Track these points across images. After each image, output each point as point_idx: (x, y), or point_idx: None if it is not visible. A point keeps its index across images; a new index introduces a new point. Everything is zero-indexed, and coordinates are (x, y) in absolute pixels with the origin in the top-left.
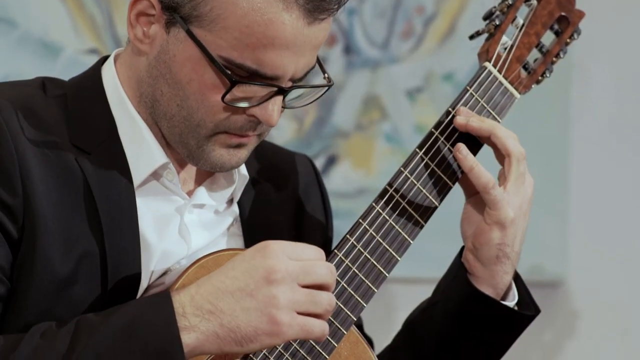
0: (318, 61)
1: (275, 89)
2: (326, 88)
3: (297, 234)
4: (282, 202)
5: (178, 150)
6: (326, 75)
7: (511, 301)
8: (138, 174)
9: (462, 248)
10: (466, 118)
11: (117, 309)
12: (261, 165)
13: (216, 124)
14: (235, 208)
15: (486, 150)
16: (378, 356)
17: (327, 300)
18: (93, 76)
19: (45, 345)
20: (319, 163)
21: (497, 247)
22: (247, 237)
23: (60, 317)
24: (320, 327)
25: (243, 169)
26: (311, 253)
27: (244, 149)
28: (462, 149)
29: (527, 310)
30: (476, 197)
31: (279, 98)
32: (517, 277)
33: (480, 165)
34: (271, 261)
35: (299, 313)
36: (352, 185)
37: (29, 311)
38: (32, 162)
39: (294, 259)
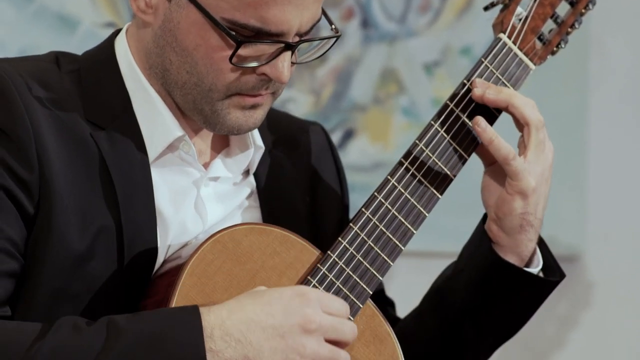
0: (324, 12)
1: (282, 45)
2: (335, 39)
3: (312, 205)
4: (297, 173)
5: (194, 118)
6: (333, 26)
7: (536, 267)
8: (154, 147)
9: (485, 215)
10: (483, 89)
11: (146, 316)
12: (276, 136)
13: (227, 86)
14: (251, 179)
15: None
16: (404, 320)
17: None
18: (106, 50)
19: (73, 341)
20: (336, 137)
21: (520, 216)
22: (263, 208)
23: (76, 293)
24: None
25: (259, 139)
26: (341, 307)
27: (259, 110)
28: (480, 121)
29: (552, 276)
30: (495, 166)
31: (287, 54)
32: (541, 242)
33: (499, 137)
34: (309, 310)
35: None
36: (369, 159)
37: (45, 287)
38: (48, 137)
39: (326, 312)
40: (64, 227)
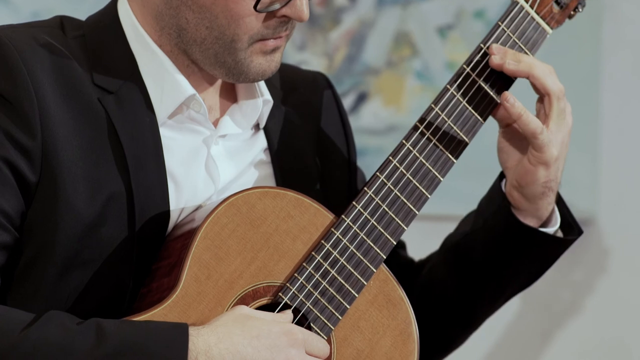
0: None
1: None
2: None
3: (320, 161)
4: (304, 126)
5: (214, 73)
6: None
7: (554, 225)
8: (163, 108)
9: (501, 174)
10: (502, 58)
11: (136, 326)
12: (283, 89)
13: (250, 35)
14: (261, 135)
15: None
16: (418, 267)
17: None
18: (110, 14)
19: (59, 338)
20: (349, 100)
21: (543, 184)
22: (275, 164)
23: (87, 260)
24: None
25: (267, 93)
26: (324, 349)
27: (277, 52)
28: (509, 97)
29: (570, 232)
30: (511, 127)
31: None
32: (559, 200)
33: (527, 112)
34: (294, 351)
35: None
36: (382, 122)
37: (56, 255)
38: (53, 105)
39: (309, 353)
40: (73, 195)
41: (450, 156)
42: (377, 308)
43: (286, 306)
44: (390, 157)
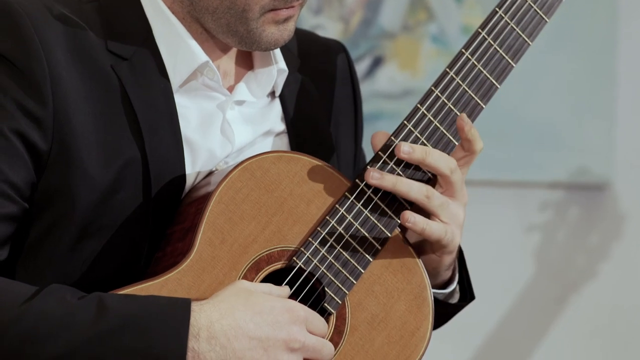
0: None
1: None
2: None
3: (334, 130)
4: (320, 95)
5: (227, 41)
6: None
7: (450, 287)
8: (177, 74)
9: None
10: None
11: (138, 301)
12: (300, 56)
13: (262, 5)
14: (277, 103)
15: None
16: None
17: None
18: None
19: (59, 311)
20: (364, 64)
21: (447, 266)
22: (290, 132)
23: (102, 226)
24: None
25: (282, 62)
26: (324, 328)
27: (291, 21)
28: (408, 217)
29: (463, 296)
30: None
31: None
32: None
33: (429, 223)
34: (295, 328)
35: None
36: (397, 86)
37: (72, 223)
38: (65, 72)
39: (310, 331)
40: (87, 162)
41: None
42: (391, 272)
43: (300, 270)
44: (405, 121)
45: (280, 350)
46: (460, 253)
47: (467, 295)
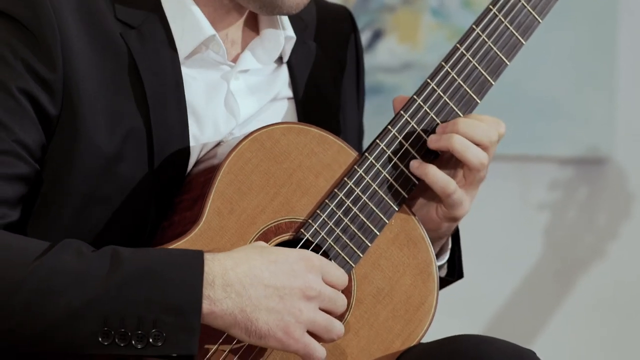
0: None
1: None
2: None
3: (341, 97)
4: (327, 61)
5: (248, 6)
6: None
7: (440, 261)
8: (184, 45)
9: None
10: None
11: (152, 253)
12: (306, 24)
13: None
14: (284, 69)
15: None
16: None
17: (337, 331)
18: None
19: (73, 265)
20: (364, 37)
21: (442, 233)
22: (298, 100)
23: (107, 195)
24: (319, 354)
25: (289, 29)
26: (341, 277)
27: None
28: (412, 162)
29: (451, 272)
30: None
31: None
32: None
33: (435, 170)
34: (312, 277)
35: (309, 332)
36: (397, 59)
37: (75, 190)
38: (75, 38)
39: (327, 281)
40: (93, 130)
41: (475, 96)
42: (398, 247)
43: (308, 242)
44: (415, 96)
45: (297, 299)
46: (456, 232)
47: (454, 273)
